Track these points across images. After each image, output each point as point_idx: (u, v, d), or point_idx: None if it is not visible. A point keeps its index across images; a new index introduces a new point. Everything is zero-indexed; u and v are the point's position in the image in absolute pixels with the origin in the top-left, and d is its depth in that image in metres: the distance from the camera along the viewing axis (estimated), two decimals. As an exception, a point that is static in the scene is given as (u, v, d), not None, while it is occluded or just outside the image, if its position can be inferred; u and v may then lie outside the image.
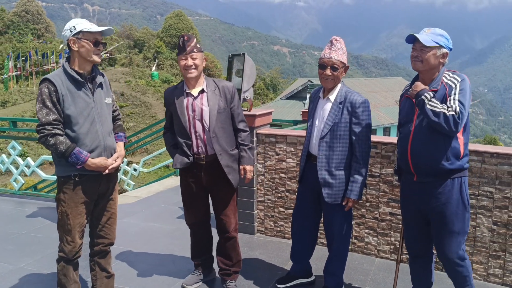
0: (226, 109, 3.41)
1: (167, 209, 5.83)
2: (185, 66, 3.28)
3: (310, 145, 3.40)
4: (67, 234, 3.02)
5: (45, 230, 5.05)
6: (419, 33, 2.93)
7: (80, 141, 2.93)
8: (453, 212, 2.93)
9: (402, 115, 3.10)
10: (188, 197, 3.57)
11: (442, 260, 3.07)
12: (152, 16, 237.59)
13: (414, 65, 2.91)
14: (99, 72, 3.13)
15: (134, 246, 4.56)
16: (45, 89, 2.87)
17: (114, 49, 61.11)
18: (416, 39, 2.86)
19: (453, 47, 2.96)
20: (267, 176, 4.70)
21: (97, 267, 3.28)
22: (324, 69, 3.25)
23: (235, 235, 3.59)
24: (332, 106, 3.28)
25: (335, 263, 3.46)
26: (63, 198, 2.99)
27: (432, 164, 2.89)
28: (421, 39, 2.82)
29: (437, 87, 2.87)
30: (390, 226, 4.18)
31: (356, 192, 3.25)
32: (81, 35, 2.92)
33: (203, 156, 3.39)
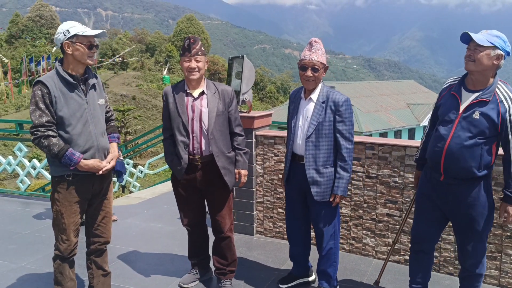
0: (224, 112, 3.46)
1: (169, 210, 5.89)
2: (189, 68, 3.34)
3: (295, 145, 3.44)
4: (62, 232, 3.08)
5: (49, 230, 5.10)
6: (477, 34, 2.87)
7: (74, 142, 2.99)
8: (479, 213, 2.94)
9: (443, 112, 3.01)
10: (182, 198, 3.62)
11: (465, 260, 3.08)
12: (164, 21, 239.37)
13: (467, 65, 2.82)
14: (92, 74, 3.18)
15: (135, 246, 4.62)
16: (38, 91, 2.93)
17: (126, 53, 61.66)
18: (472, 38, 2.78)
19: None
20: (266, 178, 4.74)
21: (94, 265, 3.34)
22: (305, 71, 3.30)
23: (230, 235, 3.62)
24: (315, 106, 3.33)
25: (326, 262, 3.47)
26: (57, 197, 3.05)
27: (464, 169, 2.87)
28: (475, 38, 2.75)
29: (489, 98, 2.80)
30: (387, 227, 4.19)
31: (342, 188, 3.31)
32: (75, 39, 2.98)
33: (198, 157, 3.43)
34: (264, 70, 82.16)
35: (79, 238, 3.20)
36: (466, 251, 3.06)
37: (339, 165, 3.32)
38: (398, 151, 4.04)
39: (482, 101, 2.81)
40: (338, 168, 3.32)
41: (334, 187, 3.32)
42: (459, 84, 2.96)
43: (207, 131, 3.40)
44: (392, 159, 4.09)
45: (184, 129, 3.40)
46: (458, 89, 2.95)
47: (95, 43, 3.06)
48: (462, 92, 2.92)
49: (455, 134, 2.87)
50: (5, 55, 47.87)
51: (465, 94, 2.90)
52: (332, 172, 3.34)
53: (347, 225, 4.37)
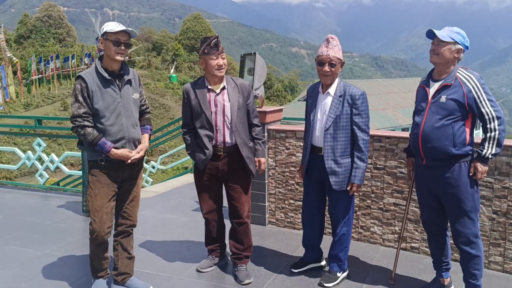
0: (243, 105, 3.69)
1: (183, 203, 6.10)
2: (218, 65, 3.56)
3: (313, 137, 3.63)
4: (95, 214, 3.37)
5: (68, 221, 5.36)
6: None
7: (107, 132, 3.31)
8: (463, 193, 3.21)
9: (416, 103, 3.41)
10: (203, 187, 3.82)
11: (457, 238, 3.31)
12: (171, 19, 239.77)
13: (431, 57, 3.21)
14: (128, 70, 3.47)
15: (152, 235, 4.83)
16: (78, 85, 3.28)
17: (133, 52, 61.99)
18: (433, 34, 3.17)
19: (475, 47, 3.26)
20: (277, 170, 4.93)
21: (120, 247, 3.59)
22: (322, 66, 3.49)
23: (247, 221, 3.83)
24: (333, 100, 3.52)
25: (338, 247, 3.67)
26: (91, 180, 3.38)
27: (440, 149, 3.18)
28: (438, 34, 3.13)
29: (451, 82, 3.16)
30: (394, 216, 4.37)
31: (359, 177, 3.53)
32: (106, 36, 3.28)
33: (221, 147, 3.65)
34: (271, 68, 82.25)
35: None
36: (456, 231, 3.31)
37: (356, 155, 3.53)
38: (405, 143, 4.21)
39: (445, 86, 3.18)
40: (355, 158, 3.54)
41: (351, 176, 3.54)
42: (428, 77, 3.36)
43: (230, 124, 3.62)
44: (399, 151, 4.27)
45: (208, 123, 3.61)
46: (427, 82, 3.35)
47: (124, 40, 3.30)
48: (430, 83, 3.31)
49: (427, 119, 3.23)
50: (14, 55, 48.32)
51: (432, 84, 3.30)
52: (349, 163, 3.55)
53: (356, 215, 4.55)
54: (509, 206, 3.82)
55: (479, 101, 3.10)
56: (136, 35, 3.42)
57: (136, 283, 3.64)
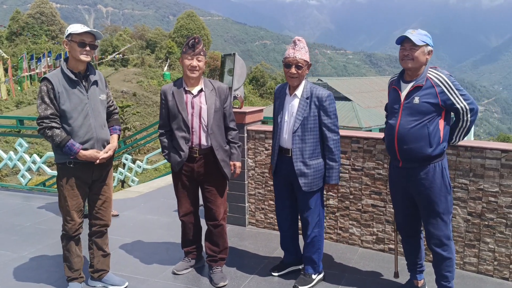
0: (220, 108, 3.69)
1: (165, 203, 6.08)
2: (190, 66, 3.56)
3: (281, 139, 3.64)
4: (66, 214, 3.42)
5: (49, 222, 5.33)
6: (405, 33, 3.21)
7: (75, 133, 3.31)
8: (436, 195, 3.24)
9: (389, 105, 3.41)
10: (180, 188, 3.81)
11: (429, 240, 3.34)
12: (165, 17, 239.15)
13: (406, 63, 3.19)
14: (94, 71, 3.48)
15: (132, 236, 4.82)
16: (44, 87, 3.27)
17: (126, 50, 61.77)
18: (405, 39, 3.17)
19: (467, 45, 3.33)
20: (257, 171, 4.92)
21: (95, 246, 3.64)
22: (289, 68, 3.50)
23: (223, 223, 3.82)
24: (300, 102, 3.53)
25: (311, 249, 3.67)
26: (61, 182, 3.39)
27: (416, 150, 3.19)
28: (412, 39, 3.12)
29: (423, 83, 3.18)
30: (372, 218, 4.37)
31: (334, 177, 3.57)
32: (70, 37, 3.29)
33: (197, 150, 3.64)
34: (265, 66, 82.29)
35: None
36: (429, 232, 3.33)
37: (327, 156, 3.55)
38: (382, 144, 4.21)
39: (417, 87, 3.19)
40: (327, 159, 3.56)
41: (326, 177, 3.58)
42: (398, 78, 3.35)
43: (206, 126, 3.62)
44: (377, 152, 4.27)
45: (185, 125, 3.60)
46: (398, 83, 3.34)
47: (89, 42, 3.30)
48: (401, 85, 3.31)
49: (402, 121, 3.23)
50: (6, 52, 47.97)
51: (404, 85, 3.29)
52: (318, 164, 3.55)
53: (335, 216, 4.55)
54: (484, 208, 3.83)
55: (453, 98, 3.14)
56: (101, 36, 3.41)
57: (112, 278, 3.72)
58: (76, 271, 3.57)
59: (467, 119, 3.18)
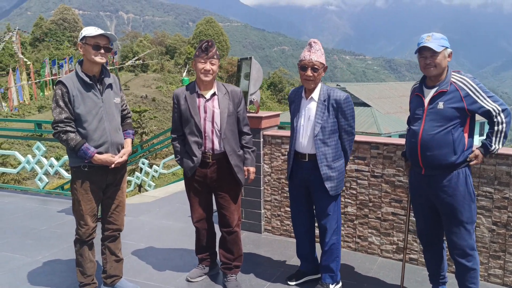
0: (234, 113, 3.61)
1: (180, 208, 6.02)
2: (204, 70, 3.49)
3: (297, 143, 3.54)
4: (80, 218, 3.37)
5: (65, 226, 5.31)
6: (419, 40, 3.14)
7: (89, 137, 3.27)
8: (460, 203, 3.11)
9: (412, 112, 3.31)
10: (193, 194, 3.74)
11: (452, 250, 3.21)
12: (184, 23, 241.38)
13: (429, 71, 3.10)
14: (109, 74, 3.45)
15: (146, 242, 4.76)
16: (59, 91, 3.24)
17: (146, 56, 62.43)
18: (423, 48, 3.07)
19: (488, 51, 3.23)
20: (273, 177, 4.83)
21: (107, 251, 3.59)
22: (305, 71, 3.41)
23: (237, 230, 3.73)
24: (317, 105, 3.44)
25: (329, 257, 3.56)
26: (75, 186, 3.35)
27: (440, 157, 3.08)
28: (432, 47, 3.03)
29: (447, 88, 3.08)
30: (392, 226, 4.23)
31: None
32: (85, 40, 3.26)
33: (210, 154, 3.56)
34: (283, 71, 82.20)
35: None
36: (452, 242, 3.20)
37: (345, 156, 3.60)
38: (403, 150, 4.08)
39: (441, 92, 3.09)
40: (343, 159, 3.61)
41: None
42: (420, 84, 3.26)
43: (219, 131, 3.54)
44: (397, 159, 4.14)
45: (197, 129, 3.53)
46: (420, 89, 3.24)
47: (103, 44, 3.28)
48: (424, 90, 3.21)
49: (425, 126, 3.13)
50: (29, 57, 48.91)
51: (427, 91, 3.19)
52: (341, 165, 3.53)
53: (353, 224, 4.43)
54: (509, 217, 3.67)
55: (480, 100, 3.02)
56: (115, 39, 3.38)
57: (125, 285, 3.65)
58: (89, 276, 3.52)
59: (502, 120, 3.04)
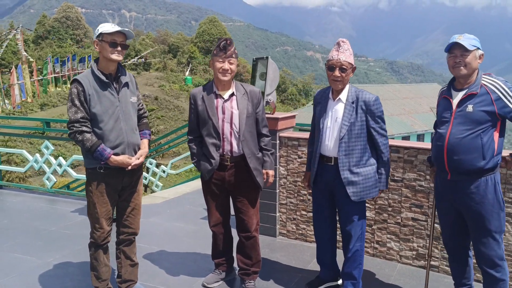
0: (253, 114, 3.50)
1: (192, 210, 5.92)
2: (222, 69, 3.37)
3: (322, 146, 3.43)
4: (95, 221, 3.27)
5: (74, 227, 5.21)
6: (450, 40, 3.03)
7: (105, 137, 3.16)
8: (488, 211, 2.99)
9: (439, 115, 3.18)
10: (210, 197, 3.63)
11: (480, 260, 3.10)
12: (187, 22, 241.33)
13: (458, 71, 2.98)
14: (125, 72, 3.34)
15: (158, 244, 4.66)
16: (74, 89, 3.13)
17: (149, 54, 62.34)
18: (454, 46, 2.97)
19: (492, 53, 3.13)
20: (289, 179, 4.72)
21: (122, 255, 3.49)
22: (333, 71, 3.29)
23: (256, 235, 3.63)
24: (345, 107, 3.33)
25: (352, 264, 3.45)
26: (90, 188, 3.25)
27: (468, 162, 2.96)
28: (464, 44, 2.92)
29: (477, 90, 2.96)
30: (412, 232, 4.13)
31: (384, 183, 3.42)
32: (101, 37, 3.15)
33: (228, 157, 3.46)
34: (286, 72, 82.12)
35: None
36: (480, 252, 3.08)
37: (381, 161, 3.41)
38: (424, 154, 3.98)
39: (471, 95, 2.97)
40: (379, 164, 3.41)
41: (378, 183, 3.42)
42: (449, 87, 3.15)
43: (238, 132, 3.43)
44: (418, 163, 4.03)
45: (215, 131, 3.42)
46: (448, 92, 3.13)
47: (120, 41, 3.17)
48: (452, 93, 3.10)
49: (453, 130, 3.00)
50: (32, 55, 48.89)
51: (455, 93, 3.08)
52: (368, 171, 3.36)
53: (371, 229, 4.32)
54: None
55: (511, 104, 2.91)
56: (132, 36, 3.26)
57: None
58: (104, 281, 3.42)
59: None
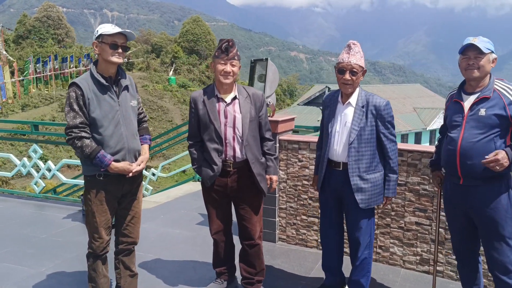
0: (256, 118, 3.38)
1: (186, 215, 5.78)
2: (223, 72, 3.25)
3: (331, 151, 3.33)
4: (94, 231, 3.13)
5: (65, 234, 5.04)
6: (464, 42, 2.98)
7: (105, 143, 3.03)
8: (502, 217, 2.93)
9: (450, 119, 3.10)
10: (212, 204, 3.51)
11: (492, 267, 3.03)
12: (170, 22, 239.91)
13: (471, 73, 2.93)
14: (125, 75, 3.21)
15: (155, 252, 4.51)
16: (73, 93, 2.98)
17: (132, 54, 61.71)
18: (469, 47, 2.91)
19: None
20: (289, 183, 4.63)
21: (122, 265, 3.36)
22: (343, 74, 3.20)
23: (259, 243, 3.52)
24: (355, 111, 3.25)
25: (360, 273, 3.37)
26: (89, 196, 3.11)
27: (482, 168, 2.88)
28: (480, 46, 2.87)
29: (489, 95, 2.90)
30: (416, 236, 4.07)
31: (392, 190, 3.33)
32: (101, 38, 3.01)
33: (231, 163, 3.34)
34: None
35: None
36: (492, 259, 3.01)
37: (388, 167, 3.32)
38: (428, 157, 3.92)
39: (483, 98, 2.91)
40: (387, 170, 3.32)
41: (385, 190, 3.33)
42: (459, 90, 3.08)
43: (241, 137, 3.31)
44: (422, 166, 3.97)
45: (217, 136, 3.29)
46: (459, 95, 3.06)
47: (121, 43, 3.05)
48: (463, 96, 3.03)
49: (465, 134, 2.93)
50: (12, 55, 47.93)
51: (466, 97, 3.01)
52: (376, 178, 3.28)
53: (374, 234, 4.24)
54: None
55: None
56: (134, 37, 3.13)
57: None
58: None
59: None
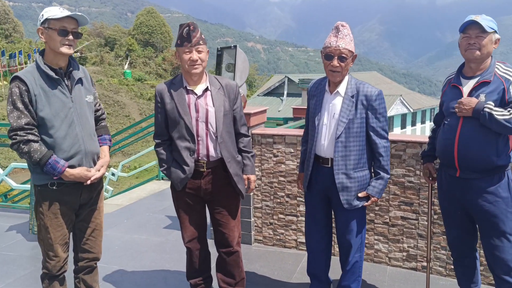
0: (230, 111, 3.00)
1: (152, 218, 5.36)
2: (190, 60, 2.83)
3: (318, 146, 2.99)
4: (48, 248, 2.69)
5: (17, 247, 4.52)
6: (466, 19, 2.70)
7: (58, 147, 2.59)
8: (502, 211, 2.71)
9: (447, 105, 2.85)
10: (184, 210, 3.11)
11: (494, 265, 2.81)
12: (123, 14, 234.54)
13: (471, 53, 2.68)
14: (78, 66, 2.75)
15: (119, 263, 4.08)
16: (16, 89, 2.53)
17: (84, 48, 59.70)
18: (471, 25, 2.66)
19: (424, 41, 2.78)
20: (264, 181, 4.29)
21: (83, 284, 2.92)
22: (330, 60, 2.83)
23: (238, 249, 3.17)
24: (343, 101, 2.90)
25: (350, 277, 3.06)
26: (41, 209, 2.66)
27: (481, 159, 2.67)
28: (482, 24, 2.62)
29: (490, 78, 2.68)
30: (402, 232, 3.83)
31: (379, 190, 2.95)
32: (48, 24, 2.55)
33: (204, 163, 2.96)
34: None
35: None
36: (493, 257, 2.80)
37: (377, 166, 2.95)
38: (414, 148, 3.68)
39: (484, 82, 2.70)
40: (376, 169, 2.96)
41: (370, 186, 2.95)
42: (457, 74, 2.86)
43: (215, 133, 2.92)
44: (407, 157, 3.73)
45: (188, 133, 2.90)
46: (457, 79, 2.83)
47: (72, 29, 2.59)
48: (462, 81, 2.80)
49: (464, 122, 2.71)
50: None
51: (465, 81, 2.79)
52: (364, 176, 2.95)
53: (357, 231, 3.98)
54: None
55: None
56: (87, 21, 2.66)
57: None
58: None
59: None
